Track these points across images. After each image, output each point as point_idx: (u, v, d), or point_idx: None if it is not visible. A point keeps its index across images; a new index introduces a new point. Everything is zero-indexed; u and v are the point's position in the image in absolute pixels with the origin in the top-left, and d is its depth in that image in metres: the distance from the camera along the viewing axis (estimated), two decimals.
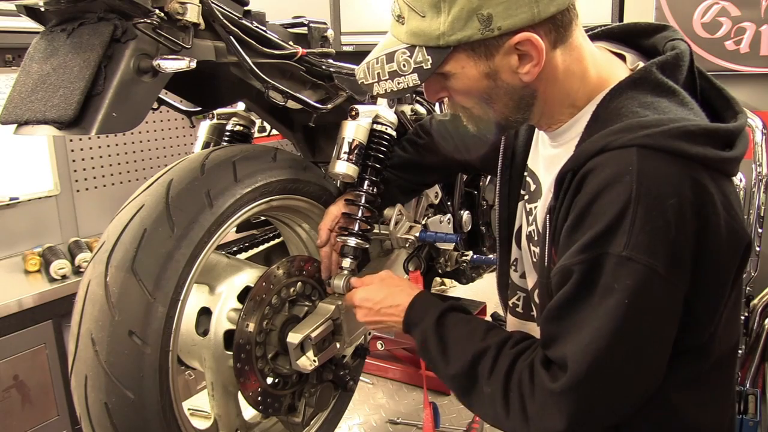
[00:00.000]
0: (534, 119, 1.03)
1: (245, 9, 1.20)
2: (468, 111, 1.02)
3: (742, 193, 2.57)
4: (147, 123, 2.92)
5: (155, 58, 0.96)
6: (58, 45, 0.97)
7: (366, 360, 1.62)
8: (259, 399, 1.24)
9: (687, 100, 0.93)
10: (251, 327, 1.19)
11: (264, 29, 1.22)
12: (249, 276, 1.26)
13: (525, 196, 1.17)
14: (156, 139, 2.99)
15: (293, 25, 1.42)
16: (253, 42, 1.16)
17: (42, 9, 1.00)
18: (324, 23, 1.47)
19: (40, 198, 2.55)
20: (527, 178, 1.16)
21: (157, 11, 0.95)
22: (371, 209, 1.34)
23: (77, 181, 2.68)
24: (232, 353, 1.18)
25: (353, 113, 1.30)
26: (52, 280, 2.26)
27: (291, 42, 1.33)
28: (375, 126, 1.34)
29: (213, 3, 1.06)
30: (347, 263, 1.31)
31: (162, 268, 1.01)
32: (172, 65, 0.96)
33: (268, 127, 1.62)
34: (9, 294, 2.13)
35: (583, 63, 0.97)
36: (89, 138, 2.68)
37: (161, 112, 2.30)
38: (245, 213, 1.17)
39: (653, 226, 0.82)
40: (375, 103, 1.40)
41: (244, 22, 1.16)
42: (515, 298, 1.25)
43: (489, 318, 2.14)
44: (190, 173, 1.10)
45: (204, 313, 1.22)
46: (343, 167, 1.29)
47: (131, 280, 0.98)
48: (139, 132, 2.91)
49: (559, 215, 0.93)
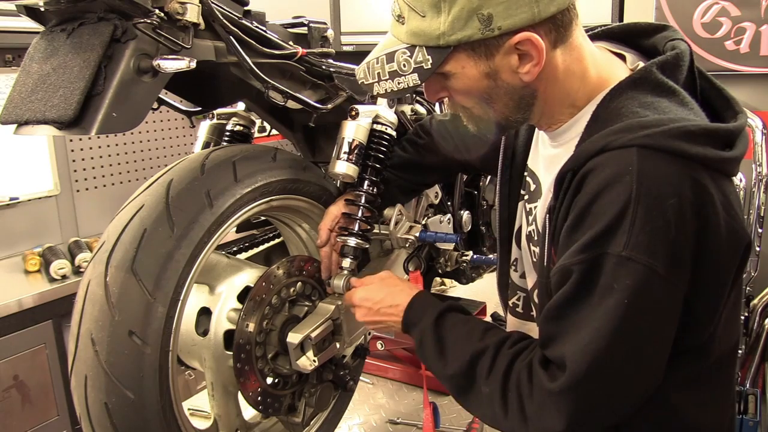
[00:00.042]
0: (534, 119, 1.03)
1: (245, 9, 1.20)
2: (468, 111, 1.02)
3: (742, 193, 2.57)
4: (147, 123, 2.91)
5: (155, 58, 0.96)
6: (58, 45, 0.97)
7: (366, 360, 1.62)
8: (259, 399, 1.24)
9: (687, 100, 0.93)
10: (251, 327, 1.19)
11: (264, 29, 1.22)
12: (249, 276, 1.26)
13: (525, 196, 1.17)
14: (156, 139, 2.99)
15: (293, 25, 1.42)
16: (253, 42, 1.16)
17: (42, 9, 1.00)
18: (324, 23, 1.47)
19: (40, 198, 2.55)
20: (527, 178, 1.16)
21: (157, 11, 0.95)
22: (371, 209, 1.34)
23: (77, 181, 2.68)
24: (232, 353, 1.18)
25: (353, 113, 1.30)
26: (52, 280, 2.26)
27: (291, 42, 1.33)
28: (375, 126, 1.34)
29: (213, 3, 1.06)
30: (347, 263, 1.31)
31: (162, 268, 1.01)
32: (172, 65, 0.96)
33: (268, 127, 1.61)
34: (9, 294, 2.13)
35: (583, 63, 0.97)
36: (89, 138, 2.68)
37: (161, 112, 2.30)
38: (245, 213, 1.17)
39: (653, 226, 0.82)
40: (375, 103, 1.40)
41: (244, 22, 1.16)
42: (515, 298, 1.25)
43: (489, 318, 2.14)
44: (190, 173, 1.10)
45: (204, 313, 1.22)
46: (343, 167, 1.29)
47: (131, 280, 0.98)
48: (139, 132, 2.91)
49: (559, 215, 0.93)
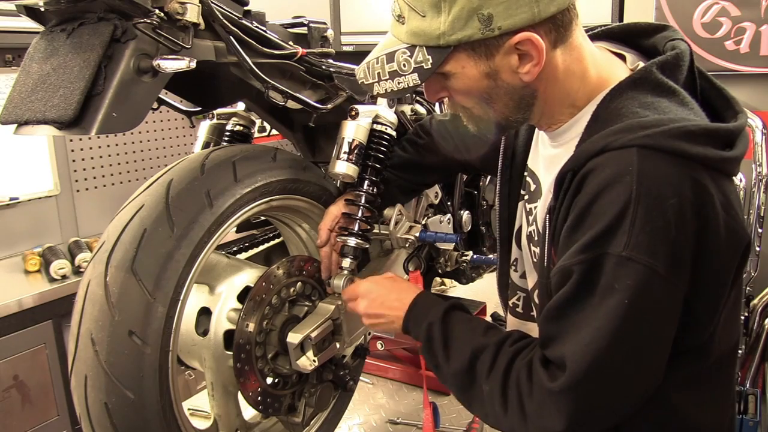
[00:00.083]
0: (534, 119, 1.03)
1: (245, 9, 1.20)
2: (468, 111, 1.02)
3: (742, 193, 2.57)
4: (147, 123, 2.91)
5: (155, 58, 0.96)
6: (58, 45, 0.97)
7: (366, 360, 1.62)
8: (259, 399, 1.24)
9: (687, 100, 0.93)
10: (251, 327, 1.19)
11: (264, 29, 1.22)
12: (249, 276, 1.26)
13: (525, 196, 1.17)
14: (156, 139, 2.99)
15: (293, 25, 1.42)
16: (253, 42, 1.16)
17: (42, 9, 1.00)
18: (324, 23, 1.47)
19: (40, 198, 2.55)
20: (527, 178, 1.16)
21: (157, 11, 0.95)
22: (371, 209, 1.34)
23: (77, 181, 2.68)
24: (232, 353, 1.18)
25: (353, 113, 1.30)
26: (52, 280, 2.26)
27: (291, 42, 1.33)
28: (375, 126, 1.34)
29: (213, 3, 1.06)
30: (347, 263, 1.31)
31: (162, 268, 1.01)
32: (172, 65, 0.96)
33: (268, 127, 1.61)
34: (9, 294, 2.13)
35: (583, 63, 0.97)
36: (89, 138, 2.68)
37: (161, 112, 2.30)
38: (245, 213, 1.17)
39: (653, 226, 0.82)
40: (375, 103, 1.40)
41: (244, 22, 1.16)
42: (515, 298, 1.25)
43: (489, 318, 2.15)
44: (190, 173, 1.10)
45: (204, 313, 1.22)
46: (343, 167, 1.29)
47: (131, 280, 0.98)
48: (139, 132, 2.91)
49: (559, 215, 0.93)
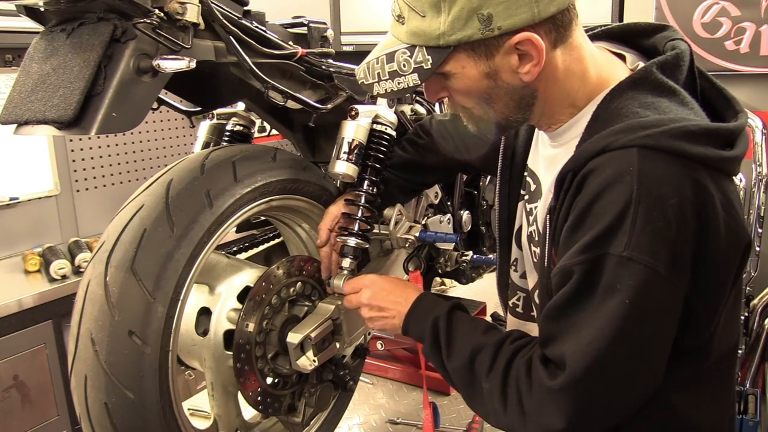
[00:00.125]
0: (534, 119, 1.03)
1: (245, 9, 1.20)
2: (468, 111, 1.02)
3: (742, 193, 2.57)
4: (147, 123, 2.92)
5: (155, 58, 0.96)
6: (57, 45, 0.97)
7: (366, 360, 1.62)
8: (259, 399, 1.24)
9: (687, 99, 0.93)
10: (251, 327, 1.19)
11: (264, 29, 1.22)
12: (249, 276, 1.26)
13: (525, 196, 1.17)
14: (156, 139, 2.99)
15: (293, 25, 1.42)
16: (253, 42, 1.16)
17: (42, 9, 1.00)
18: (324, 23, 1.47)
19: (40, 198, 2.55)
20: (527, 178, 1.16)
21: (157, 11, 0.95)
22: (371, 209, 1.34)
23: (77, 181, 2.68)
24: (232, 353, 1.18)
25: (353, 113, 1.30)
26: (52, 280, 2.26)
27: (291, 42, 1.33)
28: (375, 126, 1.34)
29: (213, 3, 1.06)
30: (347, 263, 1.31)
31: (162, 268, 1.01)
32: (171, 65, 0.96)
33: (268, 127, 1.61)
34: (9, 294, 2.13)
35: (583, 63, 0.97)
36: (89, 138, 2.68)
37: (161, 112, 2.30)
38: (245, 213, 1.17)
39: (654, 226, 0.82)
40: (375, 103, 1.40)
41: (243, 22, 1.16)
42: (515, 298, 1.25)
43: (489, 318, 2.15)
44: (190, 173, 1.10)
45: (204, 313, 1.22)
46: (343, 167, 1.29)
47: (131, 280, 0.98)
48: (139, 132, 2.91)
49: (560, 215, 0.93)
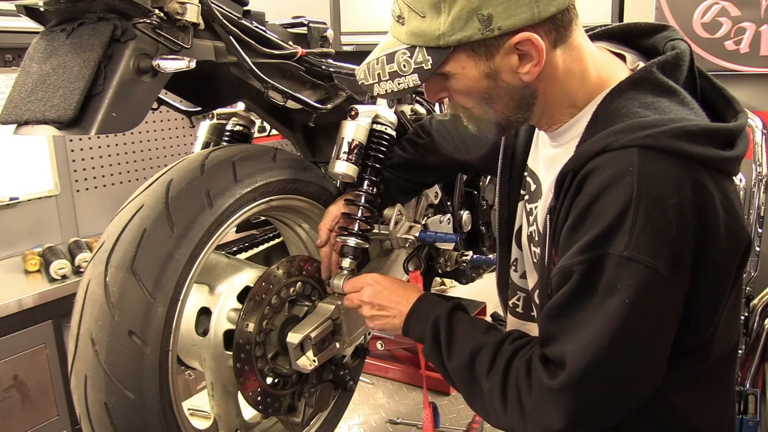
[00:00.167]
0: (534, 119, 1.03)
1: (245, 9, 1.20)
2: (468, 111, 1.02)
3: (742, 193, 2.57)
4: (147, 123, 2.92)
5: (155, 58, 0.96)
6: (57, 45, 0.97)
7: (366, 360, 1.62)
8: (259, 399, 1.24)
9: (687, 99, 0.93)
10: (251, 327, 1.19)
11: (264, 29, 1.22)
12: (249, 276, 1.26)
13: (525, 196, 1.17)
14: (156, 139, 2.99)
15: (293, 25, 1.42)
16: (253, 42, 1.16)
17: (42, 9, 1.00)
18: (324, 23, 1.47)
19: (40, 198, 2.55)
20: (527, 178, 1.16)
21: (157, 11, 0.95)
22: (371, 209, 1.34)
23: (77, 181, 2.68)
24: (231, 353, 1.18)
25: (353, 113, 1.30)
26: (52, 280, 2.26)
27: (291, 42, 1.33)
28: (375, 126, 1.34)
29: (213, 3, 1.06)
30: (347, 263, 1.31)
31: (162, 268, 1.01)
32: (171, 65, 0.96)
33: (268, 127, 1.61)
34: (9, 294, 2.13)
35: (583, 63, 0.97)
36: (89, 138, 2.68)
37: (161, 112, 2.30)
38: (245, 213, 1.17)
39: (654, 226, 0.82)
40: (375, 103, 1.40)
41: (243, 22, 1.16)
42: (515, 298, 1.25)
43: (489, 318, 2.15)
44: (190, 173, 1.10)
45: (204, 313, 1.22)
46: (343, 167, 1.29)
47: (131, 280, 0.98)
48: (139, 132, 2.91)
49: (560, 215, 0.93)
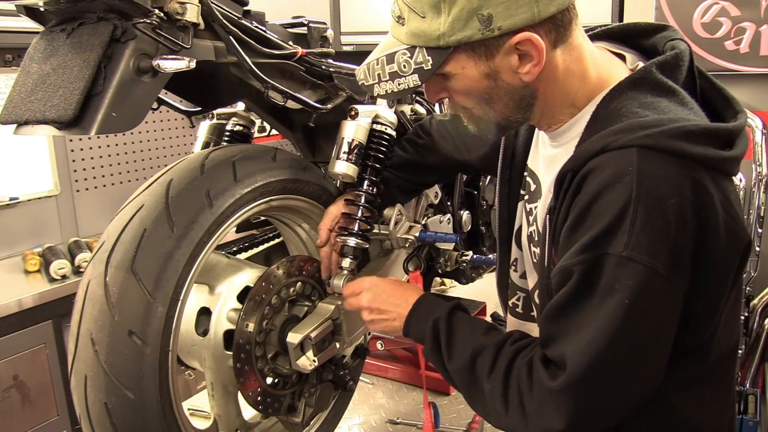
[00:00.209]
0: (534, 119, 1.03)
1: (245, 9, 1.20)
2: (468, 111, 1.02)
3: (742, 193, 2.57)
4: (147, 123, 2.92)
5: (155, 58, 0.96)
6: (57, 45, 0.97)
7: (366, 360, 1.62)
8: (259, 399, 1.24)
9: (687, 99, 0.93)
10: (251, 327, 1.19)
11: (264, 29, 1.22)
12: (249, 276, 1.26)
13: (525, 196, 1.17)
14: (156, 139, 2.99)
15: (293, 25, 1.42)
16: (253, 42, 1.16)
17: (42, 9, 1.00)
18: (324, 23, 1.47)
19: (40, 198, 2.55)
20: (527, 178, 1.16)
21: (157, 11, 0.95)
22: (371, 209, 1.34)
23: (77, 181, 2.68)
24: (231, 353, 1.18)
25: (353, 113, 1.30)
26: (52, 280, 2.26)
27: (291, 42, 1.33)
28: (375, 126, 1.34)
29: (213, 3, 1.06)
30: (347, 263, 1.31)
31: (162, 268, 1.01)
32: (171, 65, 0.96)
33: (268, 127, 1.61)
34: (9, 294, 2.13)
35: (583, 63, 0.97)
36: (89, 138, 2.68)
37: (161, 112, 2.30)
38: (245, 213, 1.17)
39: (653, 226, 0.82)
40: (375, 103, 1.40)
41: (243, 22, 1.16)
42: (515, 298, 1.26)
43: (489, 318, 2.15)
44: (189, 173, 1.10)
45: (204, 313, 1.22)
46: (343, 167, 1.29)
47: (131, 280, 0.98)
48: (139, 132, 2.91)
49: (559, 215, 0.93)
